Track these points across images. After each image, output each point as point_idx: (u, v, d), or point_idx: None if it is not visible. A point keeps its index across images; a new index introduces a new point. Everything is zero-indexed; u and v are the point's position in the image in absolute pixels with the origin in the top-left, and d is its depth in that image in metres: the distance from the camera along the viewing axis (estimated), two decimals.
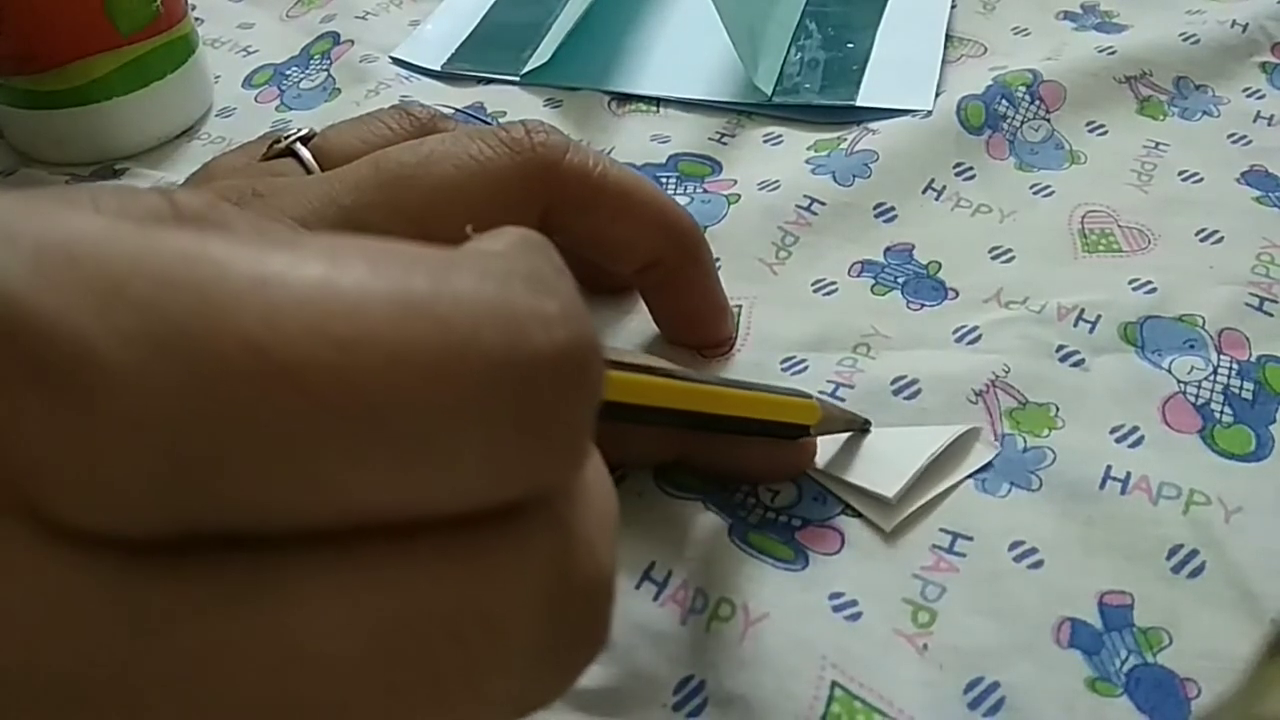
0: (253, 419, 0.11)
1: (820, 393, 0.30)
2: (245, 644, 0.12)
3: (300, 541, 0.12)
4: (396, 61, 0.46)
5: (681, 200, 0.36)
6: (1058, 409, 0.29)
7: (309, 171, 0.28)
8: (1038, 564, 0.26)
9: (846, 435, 0.28)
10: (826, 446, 0.28)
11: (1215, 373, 0.30)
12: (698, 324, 0.31)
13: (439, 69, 0.46)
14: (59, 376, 0.11)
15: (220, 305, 0.11)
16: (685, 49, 0.45)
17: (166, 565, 0.12)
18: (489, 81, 0.45)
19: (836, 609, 0.25)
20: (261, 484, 0.11)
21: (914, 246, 0.35)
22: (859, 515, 0.27)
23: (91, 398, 0.11)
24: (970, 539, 0.26)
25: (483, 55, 0.46)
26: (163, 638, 0.11)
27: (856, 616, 0.25)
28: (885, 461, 0.27)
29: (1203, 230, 0.35)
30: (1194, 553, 0.26)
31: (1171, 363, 0.31)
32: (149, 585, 0.11)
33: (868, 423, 0.28)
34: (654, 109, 0.43)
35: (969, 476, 0.28)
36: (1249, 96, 0.41)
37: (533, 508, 0.14)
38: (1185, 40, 0.43)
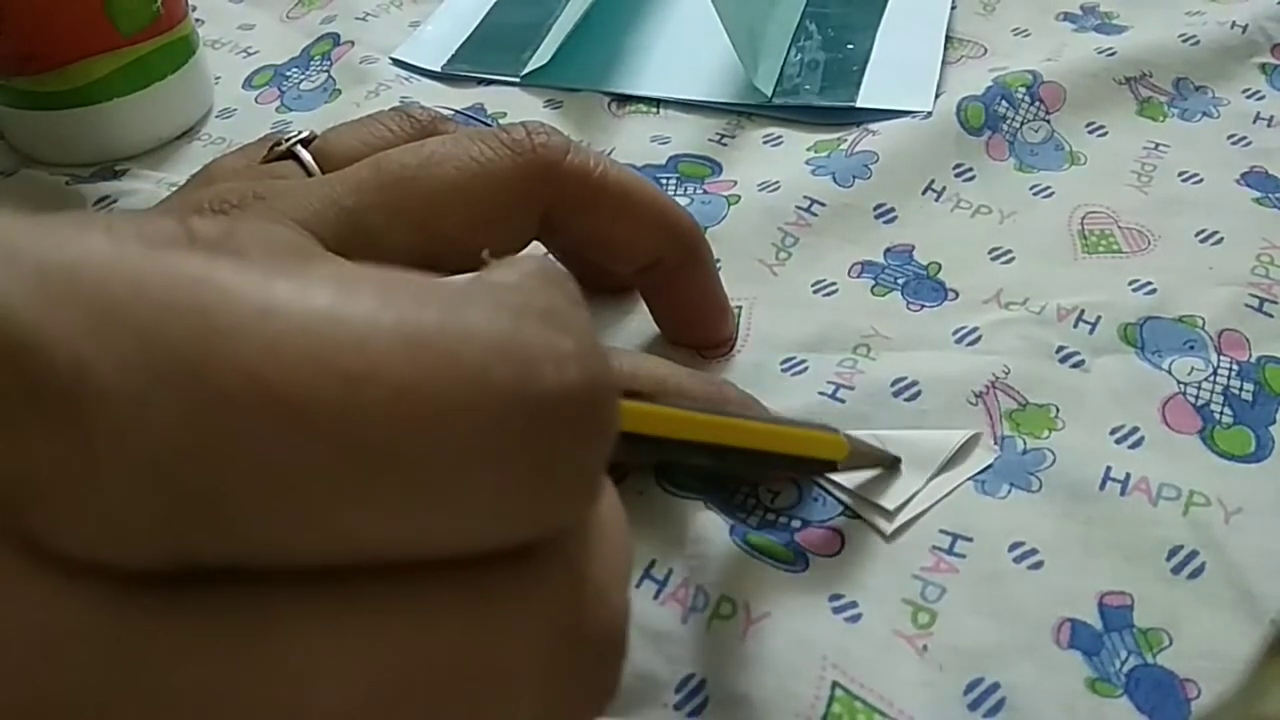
0: (252, 453, 0.11)
1: (820, 394, 0.30)
2: (238, 684, 0.11)
3: (302, 580, 0.12)
4: (397, 63, 0.46)
5: (681, 201, 0.36)
6: (1058, 410, 0.29)
7: (310, 174, 0.28)
8: (1038, 565, 0.26)
9: None
10: None
11: (1215, 373, 0.30)
12: (698, 323, 0.31)
13: (439, 70, 0.46)
14: (54, 400, 0.11)
15: (222, 333, 0.11)
16: (685, 50, 0.46)
17: (162, 598, 0.11)
18: (489, 82, 0.45)
19: (837, 610, 0.25)
20: (261, 520, 0.11)
21: (914, 247, 0.35)
22: (859, 516, 0.27)
23: (86, 423, 0.11)
24: (970, 540, 0.26)
25: (483, 56, 0.46)
26: (154, 673, 0.11)
27: (857, 618, 0.25)
28: (886, 473, 0.27)
29: (1203, 231, 0.35)
30: (1194, 553, 0.26)
31: (1171, 363, 0.31)
32: (142, 618, 0.11)
33: (897, 460, 0.27)
34: (654, 110, 0.43)
35: (969, 479, 0.28)
36: (1249, 97, 0.42)
37: (543, 551, 0.13)
38: (1185, 41, 0.43)
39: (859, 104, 0.42)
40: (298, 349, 0.11)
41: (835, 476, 0.27)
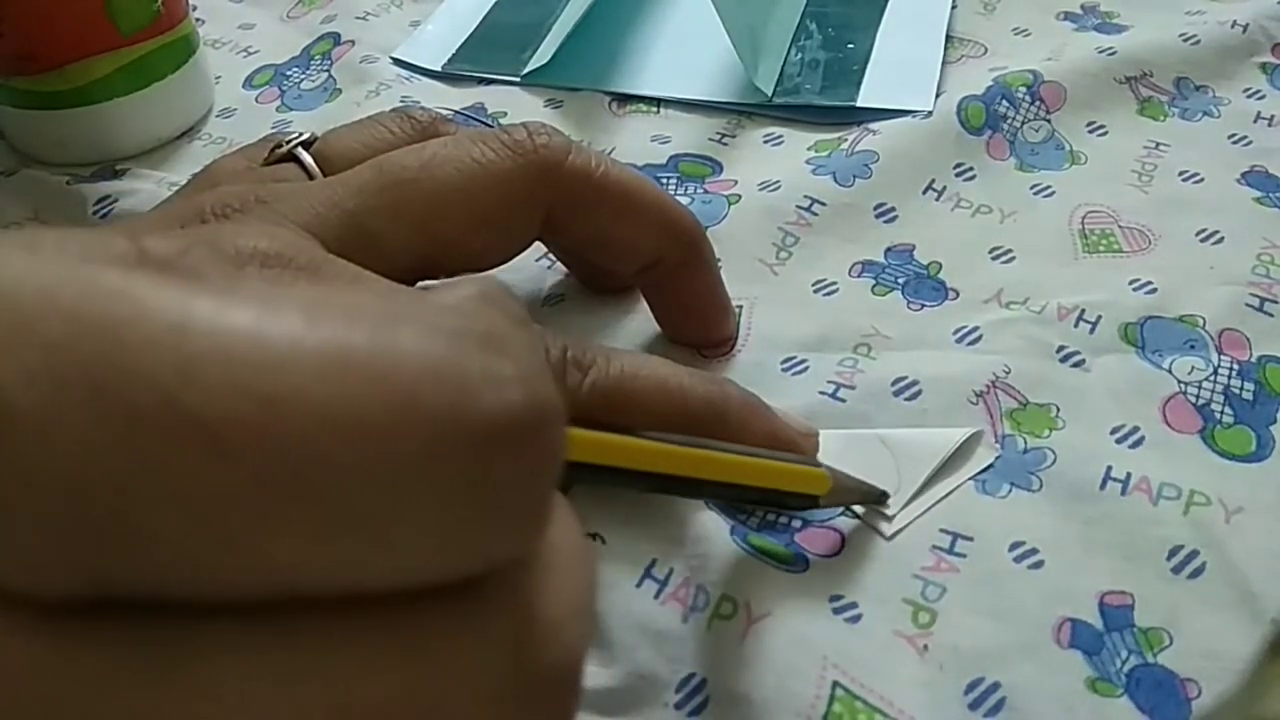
0: (165, 476, 0.10)
1: (820, 393, 0.30)
2: None
3: (231, 614, 0.11)
4: (397, 62, 0.46)
5: (682, 201, 0.36)
6: (1058, 409, 0.29)
7: (311, 176, 0.28)
8: (1038, 564, 0.26)
9: (848, 439, 0.28)
10: (829, 452, 0.28)
11: (1216, 373, 0.30)
12: (699, 322, 0.31)
13: (439, 70, 0.46)
14: None
15: (134, 349, 0.10)
16: (685, 49, 0.46)
17: (81, 628, 0.11)
18: (489, 82, 0.45)
19: (837, 610, 0.25)
20: (178, 548, 0.11)
21: (914, 247, 0.35)
22: (859, 516, 0.27)
23: None
24: (970, 539, 0.26)
25: (483, 56, 0.46)
26: (68, 705, 0.11)
27: (857, 618, 0.25)
28: (887, 473, 0.27)
29: (1203, 230, 0.35)
30: (1194, 553, 0.26)
31: (1172, 363, 0.31)
32: (57, 650, 0.11)
33: (884, 495, 0.26)
34: (654, 109, 0.43)
35: (970, 478, 0.28)
36: (1249, 97, 0.42)
37: (490, 585, 0.13)
38: (1185, 40, 0.43)
39: (859, 103, 0.42)
40: (213, 369, 0.11)
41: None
